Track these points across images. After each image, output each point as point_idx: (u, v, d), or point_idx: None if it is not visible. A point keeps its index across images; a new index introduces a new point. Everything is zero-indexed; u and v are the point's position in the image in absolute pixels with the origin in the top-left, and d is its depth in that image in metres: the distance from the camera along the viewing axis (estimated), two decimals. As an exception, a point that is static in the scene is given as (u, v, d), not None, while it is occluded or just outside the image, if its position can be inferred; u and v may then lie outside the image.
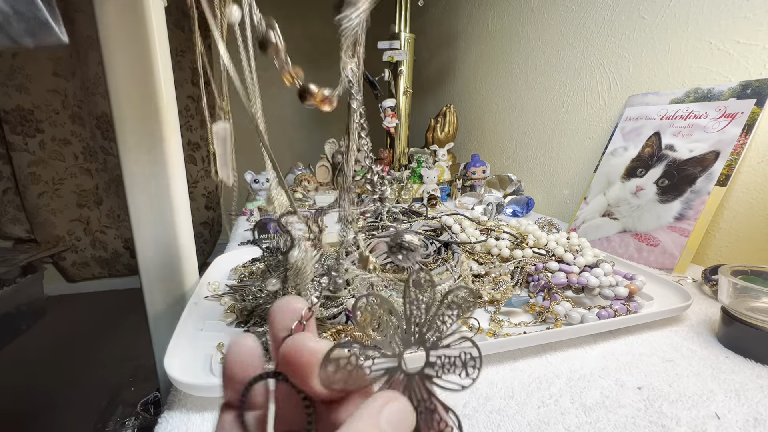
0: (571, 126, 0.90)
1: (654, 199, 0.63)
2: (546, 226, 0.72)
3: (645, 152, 0.67)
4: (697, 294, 0.52)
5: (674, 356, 0.37)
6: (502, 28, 1.11)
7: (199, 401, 0.31)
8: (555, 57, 0.93)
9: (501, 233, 0.59)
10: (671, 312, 0.42)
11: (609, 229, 0.68)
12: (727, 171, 0.56)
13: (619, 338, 0.40)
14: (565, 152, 0.92)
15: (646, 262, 0.60)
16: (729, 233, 0.61)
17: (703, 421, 0.29)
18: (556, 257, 0.52)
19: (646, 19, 0.71)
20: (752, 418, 0.29)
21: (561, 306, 0.41)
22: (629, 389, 0.32)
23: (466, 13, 1.27)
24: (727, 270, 0.40)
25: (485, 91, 1.20)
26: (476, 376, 0.14)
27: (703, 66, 0.63)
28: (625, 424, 0.29)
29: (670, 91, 0.68)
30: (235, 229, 0.75)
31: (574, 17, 0.87)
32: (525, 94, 1.04)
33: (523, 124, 1.05)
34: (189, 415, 0.29)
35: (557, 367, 0.35)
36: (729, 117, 0.58)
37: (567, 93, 0.90)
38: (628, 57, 0.75)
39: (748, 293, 0.38)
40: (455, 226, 0.60)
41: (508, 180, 0.97)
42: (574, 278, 0.45)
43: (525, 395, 0.32)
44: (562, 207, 0.93)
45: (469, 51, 1.27)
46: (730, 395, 0.32)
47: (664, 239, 0.60)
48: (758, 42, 0.56)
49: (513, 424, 0.29)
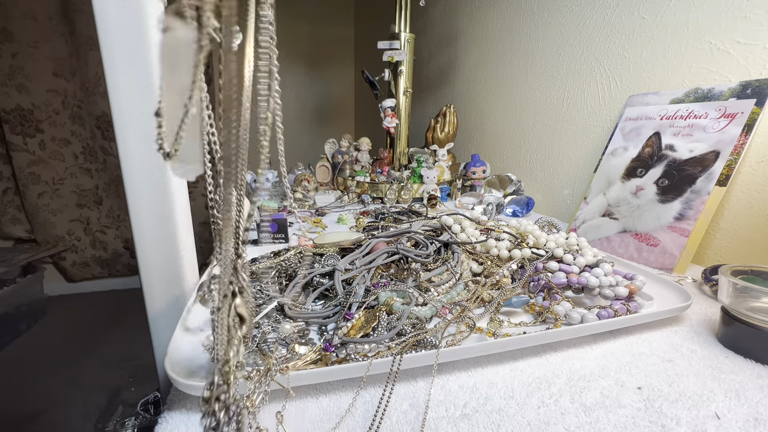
0: (571, 126, 0.90)
1: (654, 199, 0.63)
2: (546, 226, 0.72)
3: (645, 152, 0.67)
4: (697, 294, 0.52)
5: (674, 356, 0.37)
6: (502, 28, 1.11)
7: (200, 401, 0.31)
8: (555, 57, 0.93)
9: (501, 233, 0.59)
10: (671, 312, 0.42)
11: (609, 229, 0.68)
12: (727, 171, 0.56)
13: (619, 338, 0.40)
14: (565, 152, 0.92)
15: (646, 262, 0.60)
16: (729, 233, 0.61)
17: (703, 421, 0.29)
18: (556, 257, 0.52)
19: (646, 19, 0.71)
20: (752, 418, 0.29)
21: (561, 306, 0.41)
22: (629, 389, 0.32)
23: (466, 13, 1.27)
24: (727, 270, 0.40)
25: (485, 91, 1.20)
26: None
27: (703, 66, 0.63)
28: (625, 424, 0.29)
29: (670, 91, 0.68)
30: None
31: (574, 17, 0.87)
32: (525, 94, 1.04)
33: (523, 124, 1.05)
34: (189, 415, 0.29)
35: (557, 367, 0.35)
36: (729, 117, 0.58)
37: (567, 93, 0.90)
38: (628, 57, 0.75)
39: (748, 293, 0.38)
40: (455, 226, 0.60)
41: (508, 180, 0.97)
42: (574, 278, 0.45)
43: (525, 395, 0.32)
44: (562, 207, 0.93)
45: (469, 51, 1.27)
46: (730, 395, 0.32)
47: (664, 239, 0.60)
48: (758, 42, 0.56)
49: (513, 424, 0.29)
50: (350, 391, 0.32)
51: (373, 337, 0.35)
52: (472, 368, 0.35)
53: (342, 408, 0.30)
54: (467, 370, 0.35)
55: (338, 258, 0.53)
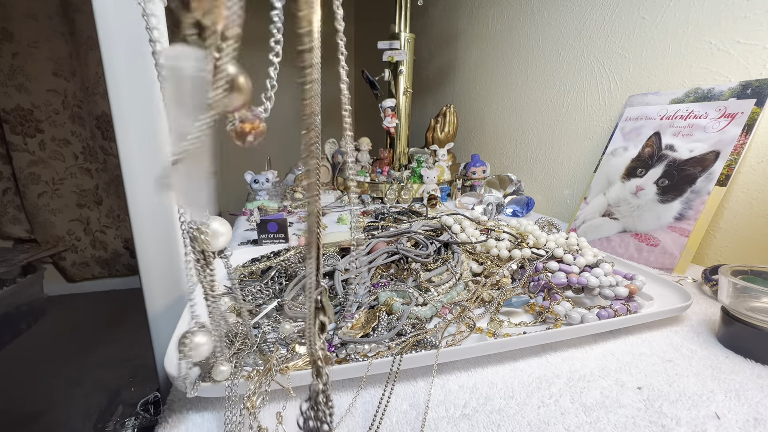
0: (571, 126, 0.90)
1: (654, 199, 0.63)
2: (546, 226, 0.72)
3: (645, 152, 0.67)
4: (697, 294, 0.52)
5: (674, 356, 0.37)
6: (502, 28, 1.11)
7: (199, 401, 0.31)
8: (555, 57, 0.93)
9: (501, 233, 0.59)
10: (671, 312, 0.42)
11: (609, 229, 0.68)
12: (727, 171, 0.56)
13: (619, 338, 0.40)
14: (565, 152, 0.92)
15: (646, 262, 0.60)
16: (729, 233, 0.61)
17: (703, 421, 0.29)
18: (556, 257, 0.52)
19: (646, 19, 0.71)
20: (752, 418, 0.29)
21: (561, 306, 0.41)
22: (629, 389, 0.32)
23: (466, 13, 1.27)
24: (727, 270, 0.40)
25: (485, 91, 1.20)
26: None
27: (703, 66, 0.63)
28: (625, 424, 0.29)
29: (670, 91, 0.68)
30: (235, 230, 0.75)
31: (574, 17, 0.87)
32: (525, 94, 1.04)
33: (523, 124, 1.05)
34: (189, 415, 0.29)
35: (557, 367, 0.35)
36: (729, 117, 0.58)
37: (567, 93, 0.90)
38: (628, 57, 0.75)
39: (748, 293, 0.38)
40: (455, 226, 0.60)
41: (508, 180, 0.97)
42: (574, 278, 0.45)
43: (525, 395, 0.32)
44: (562, 207, 0.93)
45: (469, 51, 1.27)
46: (730, 395, 0.32)
47: (664, 239, 0.60)
48: (758, 42, 0.56)
49: (513, 424, 0.29)
50: (350, 391, 0.32)
51: (373, 337, 0.35)
52: (472, 368, 0.35)
53: (342, 408, 0.30)
54: (467, 370, 0.35)
55: (338, 258, 0.53)
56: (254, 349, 0.33)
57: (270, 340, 0.35)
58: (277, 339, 0.36)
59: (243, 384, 0.28)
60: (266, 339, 0.35)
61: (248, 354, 0.32)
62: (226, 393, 0.27)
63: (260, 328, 0.37)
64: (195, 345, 0.24)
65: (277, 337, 0.36)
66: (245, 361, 0.31)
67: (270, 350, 0.33)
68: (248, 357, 0.32)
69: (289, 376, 0.29)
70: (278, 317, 0.39)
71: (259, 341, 0.34)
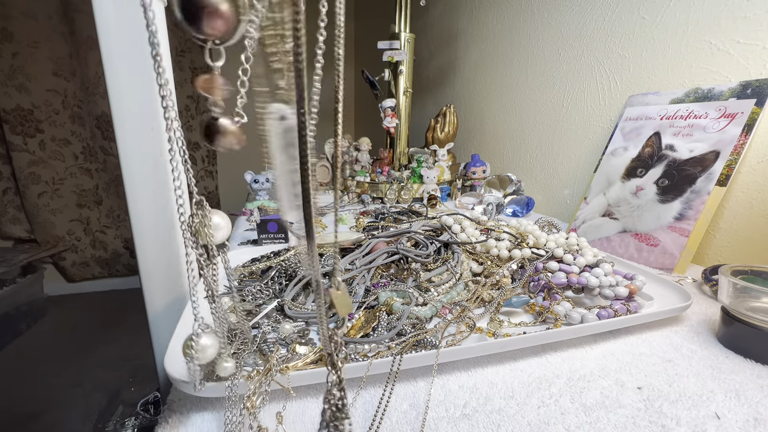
0: (571, 126, 0.90)
1: (654, 199, 0.63)
2: (546, 226, 0.72)
3: (645, 152, 0.67)
4: (697, 294, 0.52)
5: (674, 356, 0.37)
6: (502, 28, 1.11)
7: (199, 401, 0.31)
8: (555, 57, 0.93)
9: (501, 233, 0.59)
10: (671, 312, 0.42)
11: (609, 229, 0.68)
12: (727, 171, 0.56)
13: (619, 338, 0.40)
14: (565, 152, 0.92)
15: (646, 262, 0.60)
16: (729, 233, 0.61)
17: (703, 421, 0.29)
18: (556, 257, 0.52)
19: (646, 19, 0.71)
20: (752, 418, 0.29)
21: (561, 306, 0.41)
22: (629, 389, 0.32)
23: (466, 13, 1.27)
24: (727, 270, 0.40)
25: (485, 91, 1.20)
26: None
27: (703, 66, 0.63)
28: (625, 424, 0.29)
29: (670, 91, 0.68)
30: (235, 230, 0.75)
31: (574, 17, 0.87)
32: (525, 94, 1.04)
33: (523, 124, 1.05)
34: (189, 415, 0.29)
35: (557, 367, 0.35)
36: (729, 117, 0.58)
37: (567, 93, 0.90)
38: (628, 57, 0.75)
39: (748, 293, 0.38)
40: (455, 226, 0.60)
41: (508, 180, 0.97)
42: (574, 278, 0.45)
43: (525, 395, 0.32)
44: (562, 207, 0.93)
45: (469, 51, 1.27)
46: (730, 395, 0.32)
47: (664, 239, 0.60)
48: (758, 42, 0.56)
49: (513, 424, 0.29)
50: (350, 391, 0.32)
51: (373, 337, 0.35)
52: (472, 368, 0.35)
53: (342, 408, 0.30)
54: (467, 370, 0.35)
55: (338, 258, 0.53)
56: (254, 349, 0.33)
57: (270, 340, 0.35)
58: (277, 339, 0.36)
59: (243, 384, 0.28)
60: (266, 339, 0.35)
61: (248, 354, 0.32)
62: (227, 393, 0.27)
63: (260, 328, 0.37)
64: (201, 347, 0.24)
65: (277, 337, 0.36)
66: (245, 361, 0.31)
67: (270, 350, 0.33)
68: (248, 357, 0.32)
69: (289, 376, 0.29)
70: (278, 317, 0.39)
71: (260, 341, 0.34)
